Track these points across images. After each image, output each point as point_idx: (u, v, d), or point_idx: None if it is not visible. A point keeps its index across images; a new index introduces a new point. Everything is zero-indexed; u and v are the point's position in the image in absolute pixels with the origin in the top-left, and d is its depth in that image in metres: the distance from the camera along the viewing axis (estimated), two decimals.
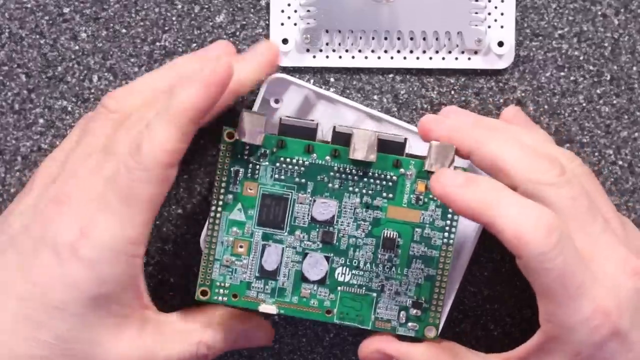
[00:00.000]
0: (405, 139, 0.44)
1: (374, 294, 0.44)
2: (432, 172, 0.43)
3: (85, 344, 0.41)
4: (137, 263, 0.42)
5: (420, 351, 0.44)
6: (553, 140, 0.47)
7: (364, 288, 0.44)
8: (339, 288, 0.45)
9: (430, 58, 0.49)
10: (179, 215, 0.50)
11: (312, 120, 0.45)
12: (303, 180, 0.44)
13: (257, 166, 0.44)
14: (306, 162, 0.44)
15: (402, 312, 0.44)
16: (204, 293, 0.45)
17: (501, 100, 0.50)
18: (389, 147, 0.44)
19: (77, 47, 0.50)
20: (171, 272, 0.50)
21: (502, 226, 0.39)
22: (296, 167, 0.44)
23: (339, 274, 0.44)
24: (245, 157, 0.44)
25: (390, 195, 0.44)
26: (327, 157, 0.44)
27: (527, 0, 0.49)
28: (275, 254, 0.44)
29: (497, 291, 0.50)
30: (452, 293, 0.47)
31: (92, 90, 0.50)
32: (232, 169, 0.44)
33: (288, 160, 0.44)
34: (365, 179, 0.44)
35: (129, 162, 0.41)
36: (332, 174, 0.44)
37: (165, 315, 0.45)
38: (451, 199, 0.40)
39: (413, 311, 0.44)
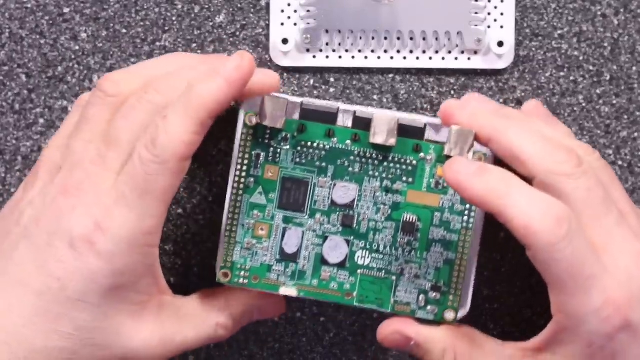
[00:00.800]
0: (425, 124, 0.44)
1: (394, 277, 0.45)
2: (451, 157, 0.43)
3: (105, 333, 0.42)
4: (153, 252, 0.42)
5: (439, 335, 0.44)
6: (572, 134, 0.47)
7: (383, 271, 0.45)
8: (358, 271, 0.45)
9: (430, 58, 0.49)
10: (179, 215, 0.50)
11: (334, 105, 0.45)
12: (324, 164, 0.44)
13: (278, 150, 0.44)
14: (327, 146, 0.44)
15: (422, 296, 0.45)
16: (225, 275, 0.45)
17: (501, 100, 0.50)
18: (409, 132, 0.44)
19: (77, 47, 0.50)
20: (171, 272, 0.50)
21: (511, 215, 0.40)
22: (317, 151, 0.44)
23: (358, 257, 0.45)
24: (266, 141, 0.44)
25: (410, 180, 0.44)
26: (348, 142, 0.44)
27: (527, 0, 0.50)
28: (296, 237, 0.45)
29: (497, 291, 0.50)
30: (471, 276, 0.47)
31: None
32: (253, 152, 0.44)
33: (309, 144, 0.44)
34: (385, 163, 0.44)
35: (144, 155, 0.41)
36: (352, 158, 0.44)
37: (183, 298, 0.45)
38: (462, 186, 0.41)
39: (432, 294, 0.45)
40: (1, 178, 0.50)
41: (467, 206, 0.44)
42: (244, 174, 0.44)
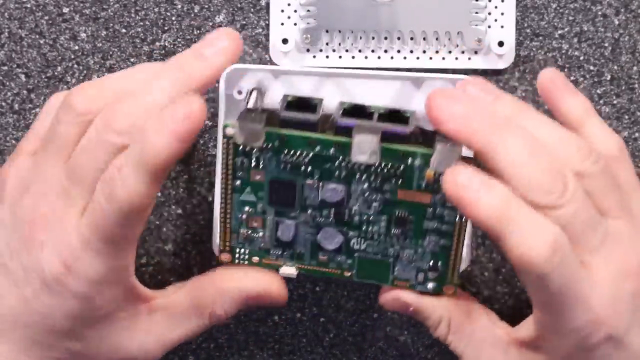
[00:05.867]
0: (410, 133, 0.43)
1: (391, 260, 0.45)
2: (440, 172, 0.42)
3: (101, 352, 0.43)
4: (129, 280, 0.43)
5: (438, 304, 0.45)
6: (590, 108, 0.44)
7: (379, 255, 0.45)
8: (355, 254, 0.45)
9: (431, 58, 0.49)
10: (179, 215, 0.50)
11: (313, 113, 0.43)
12: (309, 169, 0.44)
13: (261, 158, 0.44)
14: (310, 154, 0.44)
15: (420, 274, 0.45)
16: (226, 257, 0.45)
17: None
18: (394, 139, 0.43)
19: (76, 47, 0.50)
20: (171, 272, 0.50)
21: (510, 244, 0.39)
22: (300, 158, 0.44)
23: (354, 243, 0.45)
24: (247, 149, 0.44)
25: (400, 181, 0.44)
26: (332, 150, 0.43)
27: (527, 0, 0.49)
28: (290, 229, 0.45)
29: (498, 292, 0.50)
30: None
31: None
32: (236, 159, 0.44)
33: (292, 152, 0.44)
34: (372, 169, 0.44)
35: (104, 207, 0.41)
36: (337, 164, 0.44)
37: (171, 297, 0.45)
38: (465, 203, 0.39)
39: (431, 274, 0.45)
40: None
41: None
42: (230, 176, 0.44)
